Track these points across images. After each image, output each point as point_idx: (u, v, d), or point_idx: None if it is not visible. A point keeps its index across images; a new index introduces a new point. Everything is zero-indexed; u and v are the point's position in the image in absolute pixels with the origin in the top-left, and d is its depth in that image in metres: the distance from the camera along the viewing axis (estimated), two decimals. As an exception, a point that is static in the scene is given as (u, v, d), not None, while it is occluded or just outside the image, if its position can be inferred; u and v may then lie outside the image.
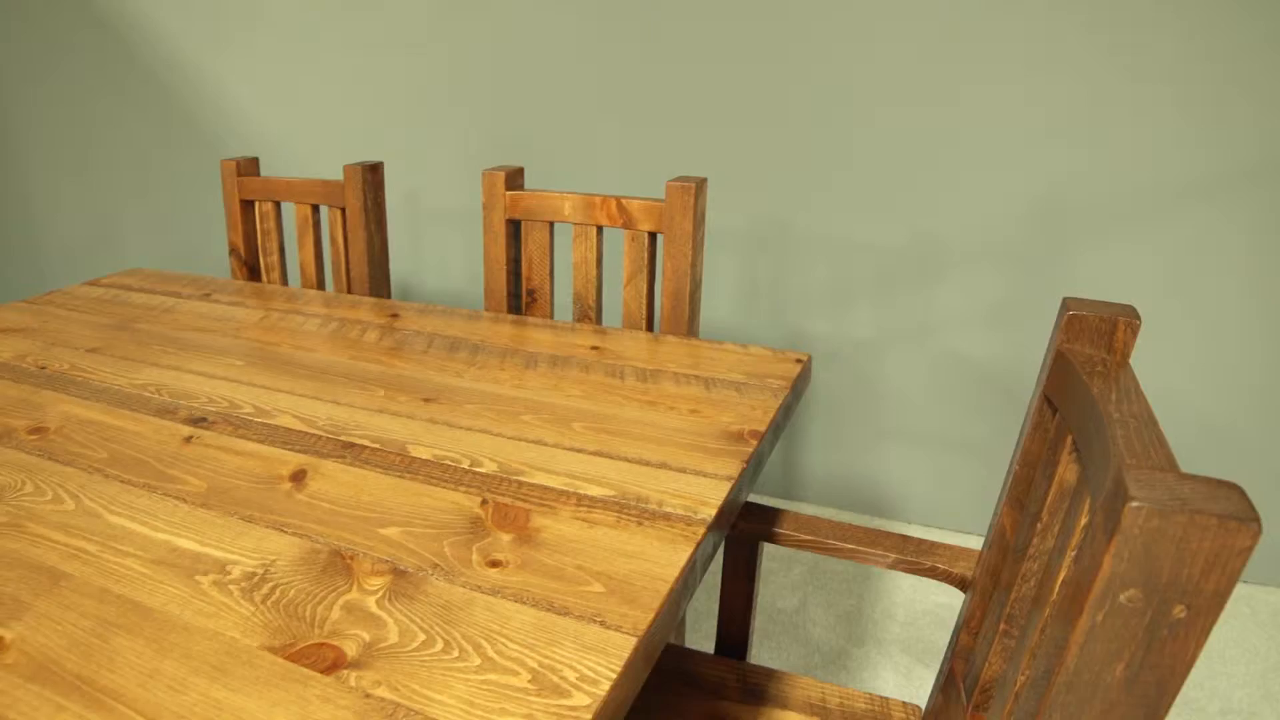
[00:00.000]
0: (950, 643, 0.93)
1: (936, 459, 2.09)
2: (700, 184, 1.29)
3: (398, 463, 0.91)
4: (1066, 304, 0.75)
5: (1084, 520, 0.61)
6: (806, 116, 1.92)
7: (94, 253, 3.08)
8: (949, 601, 1.89)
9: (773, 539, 1.05)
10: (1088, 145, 1.73)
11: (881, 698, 1.02)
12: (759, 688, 1.04)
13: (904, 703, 1.02)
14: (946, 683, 0.91)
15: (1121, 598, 0.45)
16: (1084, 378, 0.67)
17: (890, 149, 1.87)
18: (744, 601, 1.11)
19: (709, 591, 1.93)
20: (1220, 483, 0.45)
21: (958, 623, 0.92)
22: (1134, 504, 0.43)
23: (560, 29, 2.06)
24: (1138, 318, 0.71)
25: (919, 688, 1.65)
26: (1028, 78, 1.72)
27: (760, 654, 1.74)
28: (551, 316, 1.45)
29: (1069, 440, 0.70)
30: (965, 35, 1.73)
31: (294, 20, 2.36)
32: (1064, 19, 1.66)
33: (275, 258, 1.70)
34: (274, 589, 0.71)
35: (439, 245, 2.44)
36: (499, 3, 2.10)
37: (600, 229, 1.39)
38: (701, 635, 1.79)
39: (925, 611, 1.86)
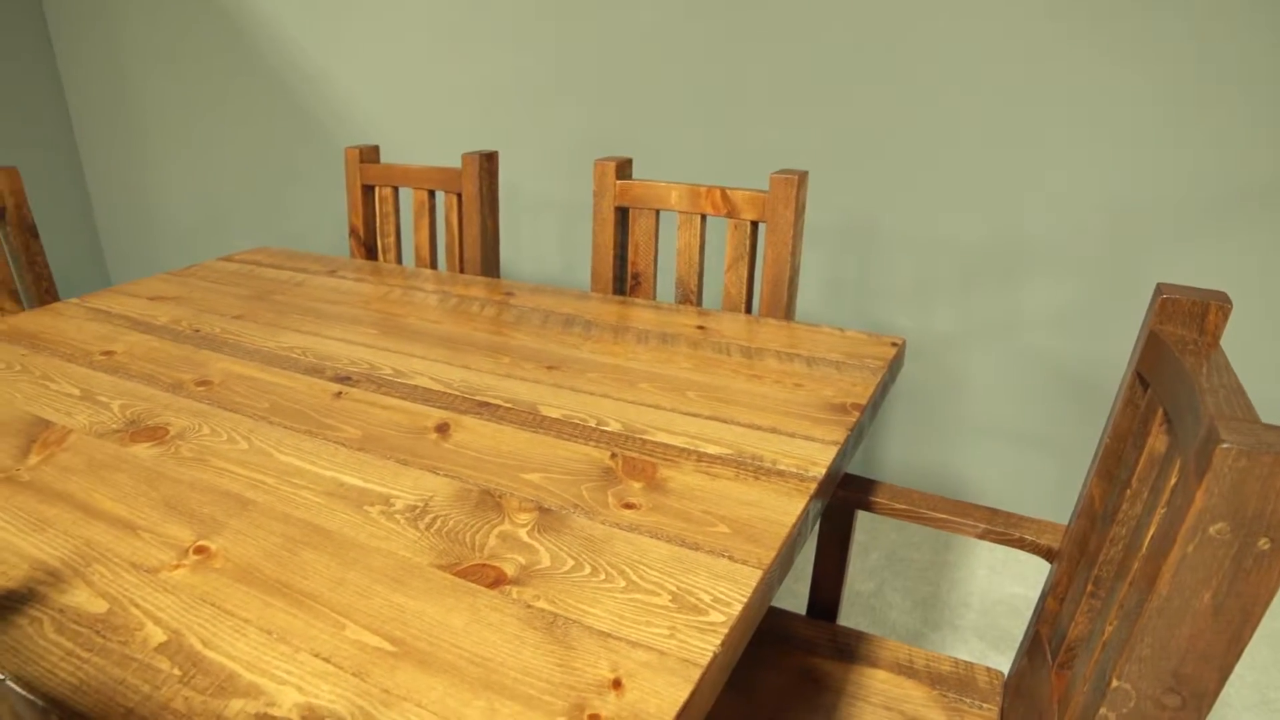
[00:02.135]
0: (1035, 611, 0.99)
1: (1015, 454, 2.13)
2: (802, 177, 1.37)
3: (530, 420, 1.01)
4: (1160, 288, 0.80)
5: (1173, 481, 0.67)
6: (894, 116, 1.97)
7: (204, 235, 3.27)
8: (1024, 593, 1.94)
9: (869, 507, 1.12)
10: (1171, 145, 1.75)
11: (966, 662, 1.09)
12: (849, 647, 1.11)
13: (987, 668, 1.08)
14: (1032, 646, 0.97)
15: (1211, 530, 0.52)
16: (1176, 354, 0.73)
17: (975, 147, 1.92)
18: (837, 567, 1.18)
19: (790, 568, 2.00)
20: (1303, 433, 0.51)
21: (1043, 591, 0.98)
22: (1224, 445, 0.49)
23: (658, 30, 2.15)
24: (1229, 302, 0.77)
25: (994, 671, 1.70)
26: (1114, 77, 1.75)
27: (838, 633, 1.81)
28: (654, 299, 1.54)
29: (1160, 413, 0.76)
30: (1049, 36, 1.77)
31: (401, 17, 2.49)
32: (1152, 19, 1.69)
33: (392, 239, 1.82)
34: (434, 519, 0.80)
35: (534, 233, 2.55)
36: (602, 2, 2.19)
37: (704, 217, 1.47)
38: (781, 612, 1.86)
39: (1000, 600, 1.91)
